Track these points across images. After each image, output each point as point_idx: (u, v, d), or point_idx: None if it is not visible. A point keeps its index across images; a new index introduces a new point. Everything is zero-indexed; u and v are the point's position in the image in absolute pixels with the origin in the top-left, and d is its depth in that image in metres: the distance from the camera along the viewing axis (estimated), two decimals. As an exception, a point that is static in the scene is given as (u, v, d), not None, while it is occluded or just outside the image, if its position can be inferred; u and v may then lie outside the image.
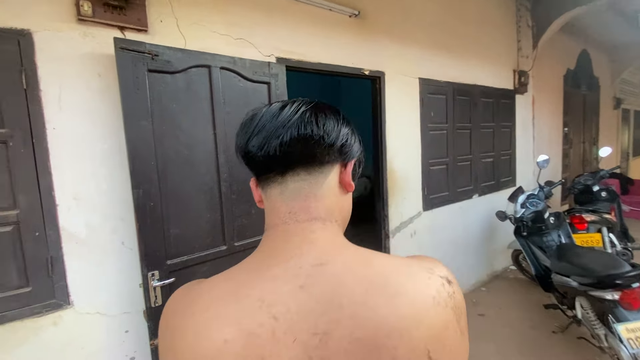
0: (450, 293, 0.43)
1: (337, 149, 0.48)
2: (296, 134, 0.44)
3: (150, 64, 1.38)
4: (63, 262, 1.32)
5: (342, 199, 0.51)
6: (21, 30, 1.21)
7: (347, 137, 0.49)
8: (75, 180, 1.34)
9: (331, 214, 0.48)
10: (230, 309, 0.39)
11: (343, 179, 0.50)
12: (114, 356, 1.44)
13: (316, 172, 0.47)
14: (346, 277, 0.40)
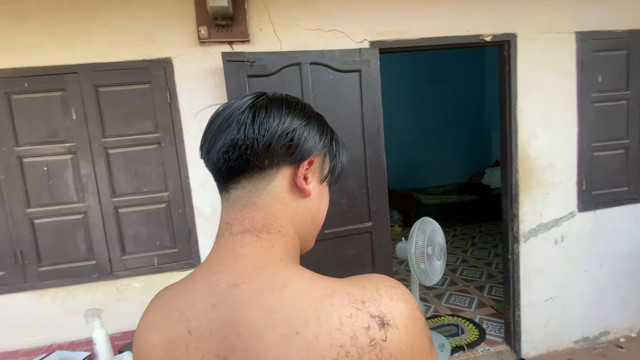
0: (376, 340, 0.32)
1: (279, 149, 0.42)
2: (229, 140, 0.41)
3: (249, 70, 1.58)
4: (196, 233, 1.74)
5: (297, 205, 0.46)
6: (166, 59, 1.62)
7: (295, 133, 0.43)
8: (203, 171, 1.71)
9: (271, 225, 0.43)
10: (161, 317, 0.41)
11: (296, 182, 0.44)
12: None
13: (255, 179, 0.43)
14: (252, 303, 0.36)
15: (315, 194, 0.47)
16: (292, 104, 0.45)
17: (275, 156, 0.42)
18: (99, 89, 1.60)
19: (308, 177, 0.45)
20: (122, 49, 1.59)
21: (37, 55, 1.53)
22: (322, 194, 0.50)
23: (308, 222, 0.48)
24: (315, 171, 0.47)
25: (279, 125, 0.42)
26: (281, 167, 0.43)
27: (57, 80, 1.56)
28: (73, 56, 1.56)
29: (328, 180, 0.50)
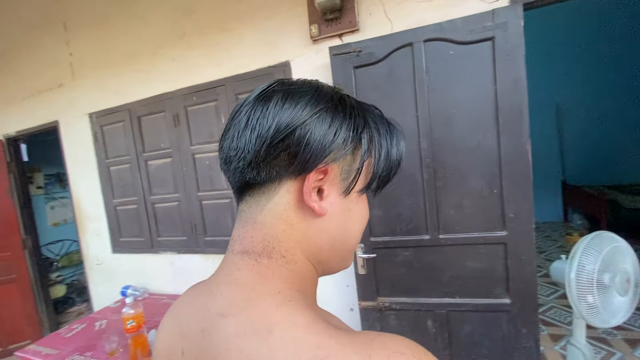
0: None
1: (275, 158, 0.34)
2: (226, 150, 0.36)
3: (355, 60, 1.52)
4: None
5: (307, 226, 0.37)
6: (285, 62, 1.77)
7: (294, 135, 0.33)
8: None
9: (273, 249, 0.36)
10: (169, 324, 0.41)
11: (304, 198, 0.35)
12: (339, 302, 1.85)
13: (256, 194, 0.37)
14: (232, 344, 0.31)
15: (335, 211, 0.37)
16: (299, 93, 0.35)
17: (273, 167, 0.34)
18: (238, 97, 1.92)
19: (324, 189, 0.36)
20: (251, 60, 1.84)
21: (200, 75, 1.99)
22: (351, 209, 0.39)
23: (324, 246, 0.38)
24: (335, 181, 0.36)
25: (272, 125, 0.33)
26: (283, 180, 0.35)
27: (212, 93, 1.97)
28: (221, 72, 1.93)
29: (362, 190, 0.39)
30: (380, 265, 1.63)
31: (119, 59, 2.24)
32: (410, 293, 1.60)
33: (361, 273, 1.64)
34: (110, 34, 2.24)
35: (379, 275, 1.64)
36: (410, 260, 1.58)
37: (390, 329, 1.65)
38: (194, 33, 1.97)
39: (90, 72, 2.38)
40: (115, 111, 2.31)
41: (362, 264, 1.63)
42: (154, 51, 2.10)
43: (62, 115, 2.58)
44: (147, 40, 2.12)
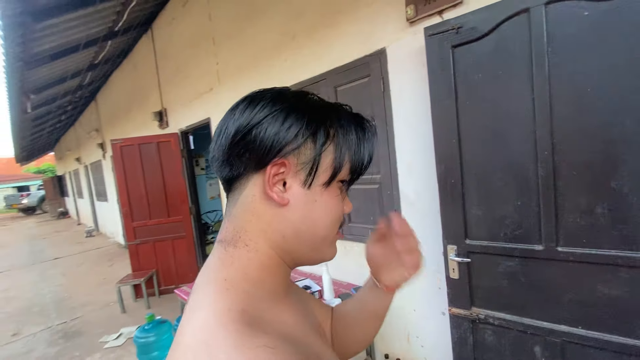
0: None
1: (238, 154, 0.38)
2: (211, 153, 0.42)
3: (454, 39, 1.35)
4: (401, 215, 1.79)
5: (272, 215, 0.39)
6: (380, 50, 1.72)
7: (251, 132, 0.37)
8: (408, 154, 1.71)
9: (239, 238, 0.40)
10: None
11: (265, 190, 0.38)
12: (432, 304, 1.73)
13: (233, 189, 0.42)
14: (183, 320, 0.35)
15: (298, 202, 0.39)
16: (259, 98, 0.39)
17: (240, 163, 0.39)
18: (337, 89, 1.99)
19: (287, 181, 0.39)
20: (350, 51, 1.87)
21: (306, 72, 2.15)
22: (316, 200, 0.40)
23: (289, 236, 0.40)
24: (297, 174, 0.39)
25: (234, 128, 0.38)
26: (250, 175, 0.39)
27: (315, 87, 2.11)
28: (322, 66, 2.03)
29: (325, 183, 0.40)
30: (476, 272, 1.44)
31: (247, 64, 2.66)
32: (513, 310, 1.36)
33: (453, 277, 1.49)
34: (243, 44, 2.67)
35: (474, 282, 1.45)
36: (515, 272, 1.33)
37: (486, 345, 1.45)
38: (303, 33, 2.14)
39: (230, 77, 2.91)
40: (244, 108, 2.76)
41: (454, 267, 1.48)
42: (271, 54, 2.40)
43: (212, 113, 3.26)
44: (267, 46, 2.43)
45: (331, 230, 0.43)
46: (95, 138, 7.54)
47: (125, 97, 5.49)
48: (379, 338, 2.01)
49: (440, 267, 1.64)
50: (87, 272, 5.48)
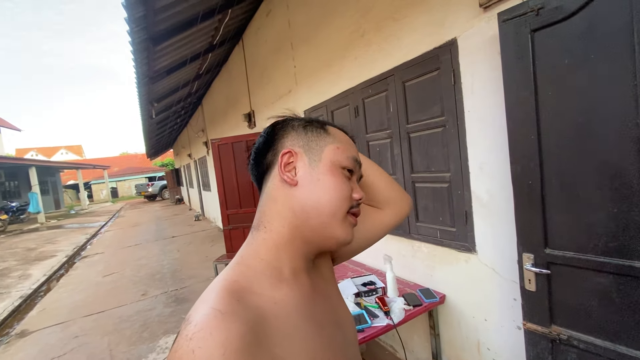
0: (174, 348, 0.34)
1: (264, 153, 0.52)
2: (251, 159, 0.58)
3: (534, 22, 1.19)
4: (472, 217, 1.67)
5: (285, 196, 0.48)
6: (451, 40, 1.62)
7: (269, 133, 0.53)
8: (480, 152, 1.58)
9: (261, 223, 0.49)
10: None
11: (279, 174, 0.49)
12: (504, 315, 1.59)
13: (263, 185, 0.53)
14: None
15: (305, 182, 0.48)
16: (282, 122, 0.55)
17: (264, 162, 0.53)
18: (405, 84, 1.94)
19: (296, 167, 0.49)
20: (419, 45, 1.80)
21: (375, 68, 2.15)
22: (319, 179, 0.48)
23: (297, 210, 0.47)
24: (302, 158, 0.50)
25: (260, 138, 0.54)
26: (271, 168, 0.51)
27: (383, 84, 2.10)
28: (391, 62, 2.01)
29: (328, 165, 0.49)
30: (557, 286, 1.26)
31: (321, 65, 2.78)
32: (604, 334, 1.16)
33: (528, 289, 1.34)
34: (317, 46, 2.80)
35: (555, 297, 1.28)
36: (608, 291, 1.13)
37: (570, 370, 1.27)
38: (372, 30, 2.14)
39: (305, 79, 3.09)
40: (318, 107, 2.90)
41: (531, 278, 1.32)
42: (342, 54, 2.46)
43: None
44: (338, 45, 2.50)
45: (337, 207, 0.48)
46: (201, 137, 8.82)
47: (223, 101, 6.27)
48: (446, 343, 1.93)
49: (515, 276, 1.48)
50: (194, 250, 6.52)
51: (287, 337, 0.40)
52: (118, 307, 3.96)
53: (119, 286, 4.78)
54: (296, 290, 0.46)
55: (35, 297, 4.72)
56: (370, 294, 1.93)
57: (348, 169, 0.51)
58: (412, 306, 1.76)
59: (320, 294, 0.53)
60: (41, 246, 8.17)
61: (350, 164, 0.51)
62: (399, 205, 0.71)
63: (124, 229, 10.77)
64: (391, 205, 0.71)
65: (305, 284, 0.49)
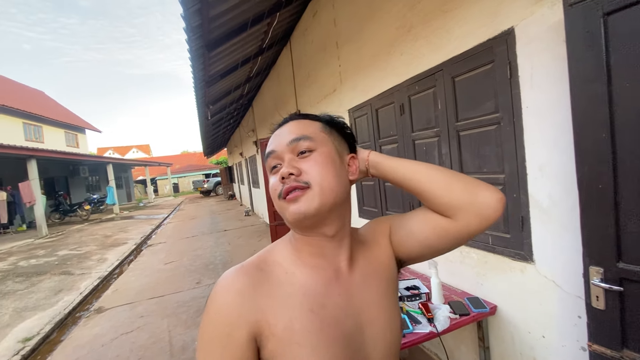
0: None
1: None
2: None
3: (607, 4, 1.05)
4: (529, 223, 1.52)
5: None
6: (507, 30, 1.49)
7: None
8: (540, 152, 1.43)
9: None
10: None
11: None
12: (566, 333, 1.42)
13: None
14: None
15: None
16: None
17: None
18: (455, 79, 1.83)
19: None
20: (470, 37, 1.68)
21: (422, 64, 2.06)
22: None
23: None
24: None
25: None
26: None
27: (430, 80, 2.00)
28: (440, 56, 1.90)
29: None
30: (632, 306, 1.10)
31: (365, 63, 2.74)
32: (696, 368, 0.98)
33: (596, 306, 1.18)
34: (362, 44, 2.77)
35: (628, 318, 1.11)
36: (702, 317, 0.95)
37: (649, 404, 1.10)
38: (419, 24, 2.05)
39: (350, 77, 3.07)
40: (362, 106, 2.87)
41: (599, 295, 1.17)
42: (388, 50, 2.40)
43: (334, 113, 3.51)
44: (384, 42, 2.44)
45: (274, 202, 0.57)
46: (252, 137, 9.25)
47: (271, 102, 6.50)
48: (497, 357, 1.79)
49: (580, 291, 1.32)
50: (243, 243, 6.88)
51: (276, 298, 0.52)
52: (176, 293, 4.33)
53: (177, 274, 5.22)
54: (313, 271, 0.56)
55: (110, 279, 5.37)
56: (413, 299, 1.86)
57: (272, 167, 0.58)
58: (458, 315, 1.67)
59: (344, 285, 0.58)
60: (116, 234, 9.26)
61: (270, 164, 0.58)
62: (465, 212, 0.56)
63: (184, 221, 11.73)
64: (456, 213, 0.56)
65: (326, 270, 0.57)
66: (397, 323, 0.61)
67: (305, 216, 0.52)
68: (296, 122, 0.60)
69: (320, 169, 0.54)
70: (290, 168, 0.53)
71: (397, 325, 0.61)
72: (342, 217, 0.59)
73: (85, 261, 6.30)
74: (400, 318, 0.63)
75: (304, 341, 0.49)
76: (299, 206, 0.52)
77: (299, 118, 0.61)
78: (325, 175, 0.54)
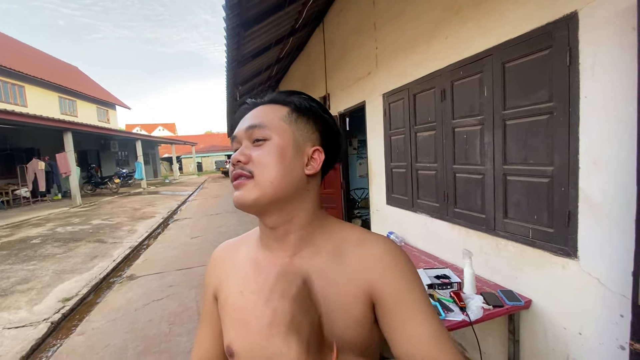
0: None
1: None
2: None
3: (699, -16, 0.96)
4: (577, 218, 1.47)
5: None
6: (570, 14, 1.40)
7: None
8: (597, 145, 1.36)
9: None
10: None
11: None
12: (605, 331, 1.39)
13: None
14: None
15: None
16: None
17: None
18: (505, 65, 1.75)
19: None
20: (527, 20, 1.59)
21: (469, 48, 1.98)
22: None
23: None
24: None
25: None
26: None
27: (477, 65, 1.92)
28: (490, 40, 1.82)
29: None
30: (690, 309, 1.05)
31: (405, 45, 2.66)
32: None
33: (647, 306, 1.14)
34: (402, 26, 2.68)
35: (685, 321, 1.07)
36: None
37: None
38: (469, 6, 1.96)
39: (387, 60, 2.99)
40: (399, 91, 2.81)
41: (653, 294, 1.13)
42: (431, 33, 2.31)
43: (367, 96, 3.46)
44: (427, 24, 2.35)
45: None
46: (276, 119, 9.29)
47: (300, 84, 6.46)
48: (527, 351, 1.77)
49: (626, 290, 1.28)
50: (265, 224, 7.03)
51: (228, 274, 0.63)
52: (202, 266, 4.52)
53: (203, 248, 5.43)
54: (261, 258, 0.60)
55: (140, 249, 5.67)
56: (444, 287, 1.86)
57: (234, 150, 0.57)
58: (491, 306, 1.65)
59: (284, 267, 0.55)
60: (144, 207, 9.69)
61: (233, 147, 0.59)
62: None
63: (207, 199, 12.09)
64: None
65: (269, 261, 0.58)
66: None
67: (243, 205, 0.54)
68: (262, 107, 0.58)
69: (267, 160, 0.53)
70: (239, 155, 0.54)
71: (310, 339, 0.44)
72: (288, 213, 0.56)
73: (116, 231, 6.65)
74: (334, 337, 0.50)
75: (230, 315, 0.59)
76: (240, 194, 0.54)
77: (269, 102, 0.59)
78: (270, 167, 0.52)
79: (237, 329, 0.56)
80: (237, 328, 0.56)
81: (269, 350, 0.45)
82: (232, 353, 0.56)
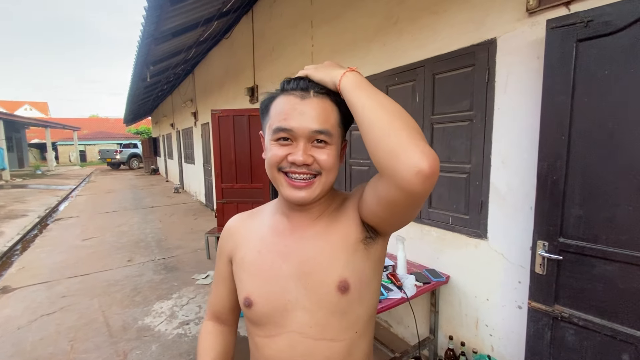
0: None
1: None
2: None
3: (581, 32, 1.31)
4: (487, 206, 1.82)
5: None
6: (490, 40, 1.72)
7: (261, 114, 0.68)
8: (505, 147, 1.71)
9: None
10: None
11: None
12: (508, 296, 1.76)
13: None
14: None
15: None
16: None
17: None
18: (435, 76, 2.03)
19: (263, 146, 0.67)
20: (455, 40, 1.88)
21: (404, 58, 2.22)
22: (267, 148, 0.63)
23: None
24: (264, 141, 0.66)
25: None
26: None
27: (411, 74, 2.17)
28: (423, 53, 2.08)
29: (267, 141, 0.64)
30: (565, 271, 1.43)
31: (343, 48, 2.80)
32: (603, 314, 1.34)
33: (538, 272, 1.51)
34: (341, 27, 2.81)
35: (561, 281, 1.45)
36: (614, 277, 1.31)
37: (565, 343, 1.46)
38: (406, 19, 2.19)
39: (324, 59, 3.09)
40: (335, 89, 2.93)
41: (542, 262, 1.49)
42: (370, 39, 2.49)
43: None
44: (367, 30, 2.53)
45: (269, 170, 0.61)
46: (189, 107, 8.52)
47: (221, 72, 6.08)
48: (444, 319, 2.11)
49: (524, 261, 1.65)
50: (177, 221, 6.42)
51: (245, 237, 0.70)
52: (104, 271, 3.88)
53: (101, 251, 4.65)
54: (277, 222, 0.68)
55: (11, 255, 4.51)
56: (382, 271, 2.05)
57: (282, 138, 0.58)
58: (422, 283, 1.91)
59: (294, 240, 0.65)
60: (10, 204, 7.70)
61: (279, 134, 0.57)
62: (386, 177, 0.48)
63: (98, 194, 10.31)
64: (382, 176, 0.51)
65: (285, 225, 0.67)
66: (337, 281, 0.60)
67: (306, 202, 0.60)
68: (319, 102, 0.57)
69: (330, 163, 0.59)
70: (306, 157, 0.57)
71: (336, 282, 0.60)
72: (323, 199, 0.65)
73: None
74: (354, 280, 0.61)
75: (248, 271, 0.66)
76: (303, 194, 0.59)
77: (321, 94, 0.58)
78: (333, 171, 0.60)
79: (255, 281, 0.65)
80: (255, 280, 0.65)
81: (285, 297, 0.62)
82: (250, 303, 0.63)
